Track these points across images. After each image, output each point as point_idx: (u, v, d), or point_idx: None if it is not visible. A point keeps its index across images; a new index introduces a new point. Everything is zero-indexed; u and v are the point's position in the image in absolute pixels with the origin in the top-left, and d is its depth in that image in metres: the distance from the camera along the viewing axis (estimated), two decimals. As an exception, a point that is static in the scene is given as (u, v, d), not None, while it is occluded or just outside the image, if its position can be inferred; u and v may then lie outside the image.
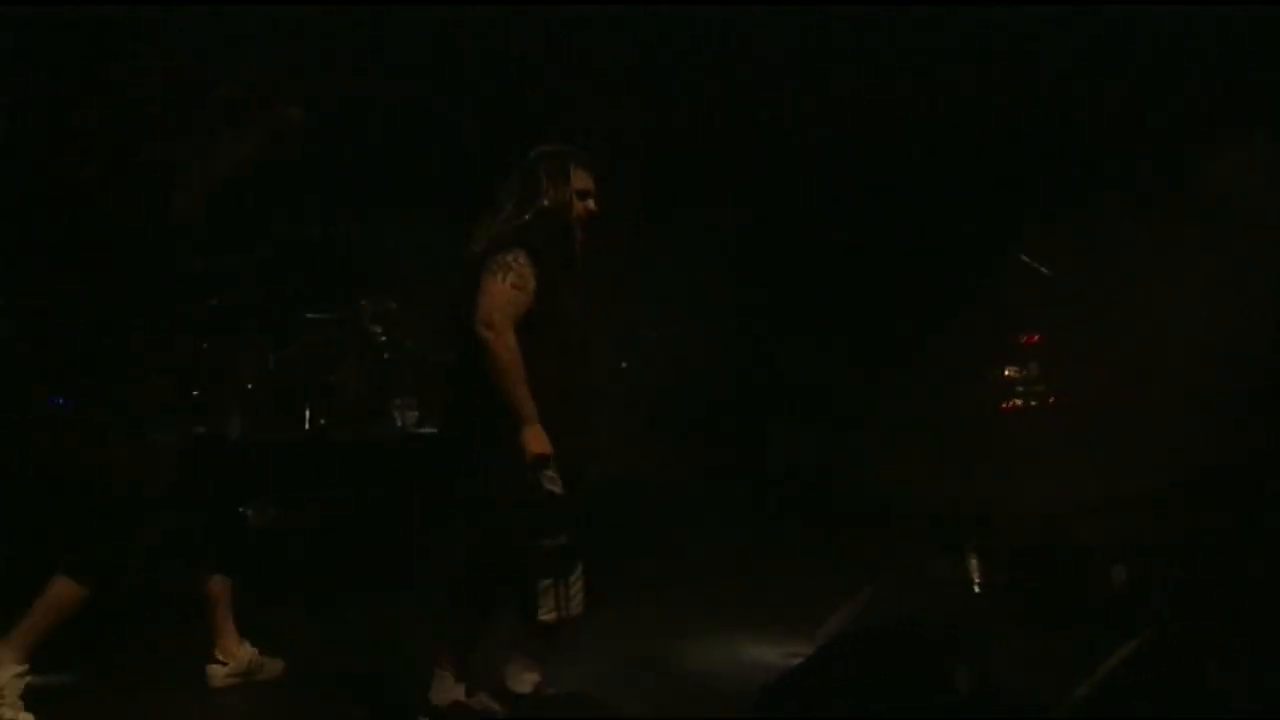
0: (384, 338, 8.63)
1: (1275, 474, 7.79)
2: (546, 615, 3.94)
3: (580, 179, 4.20)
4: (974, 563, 5.80)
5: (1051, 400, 10.37)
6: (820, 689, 3.59)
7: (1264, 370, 10.07)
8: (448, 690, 4.08)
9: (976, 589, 5.71)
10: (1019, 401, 8.50)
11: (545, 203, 4.09)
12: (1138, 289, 9.70)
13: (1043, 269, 6.87)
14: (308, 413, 7.96)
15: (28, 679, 4.13)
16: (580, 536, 4.03)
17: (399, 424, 8.59)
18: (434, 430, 8.76)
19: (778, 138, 10.59)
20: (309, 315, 8.56)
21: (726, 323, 10.10)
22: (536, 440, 3.80)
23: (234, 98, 4.39)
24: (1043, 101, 10.19)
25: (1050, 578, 5.45)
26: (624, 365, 9.70)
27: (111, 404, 4.27)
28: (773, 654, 4.69)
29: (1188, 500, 6.88)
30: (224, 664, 4.72)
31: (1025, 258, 6.82)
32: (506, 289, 3.87)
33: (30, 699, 4.12)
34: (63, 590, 4.16)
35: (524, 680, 4.14)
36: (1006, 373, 10.01)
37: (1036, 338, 9.38)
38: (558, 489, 3.84)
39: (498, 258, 3.92)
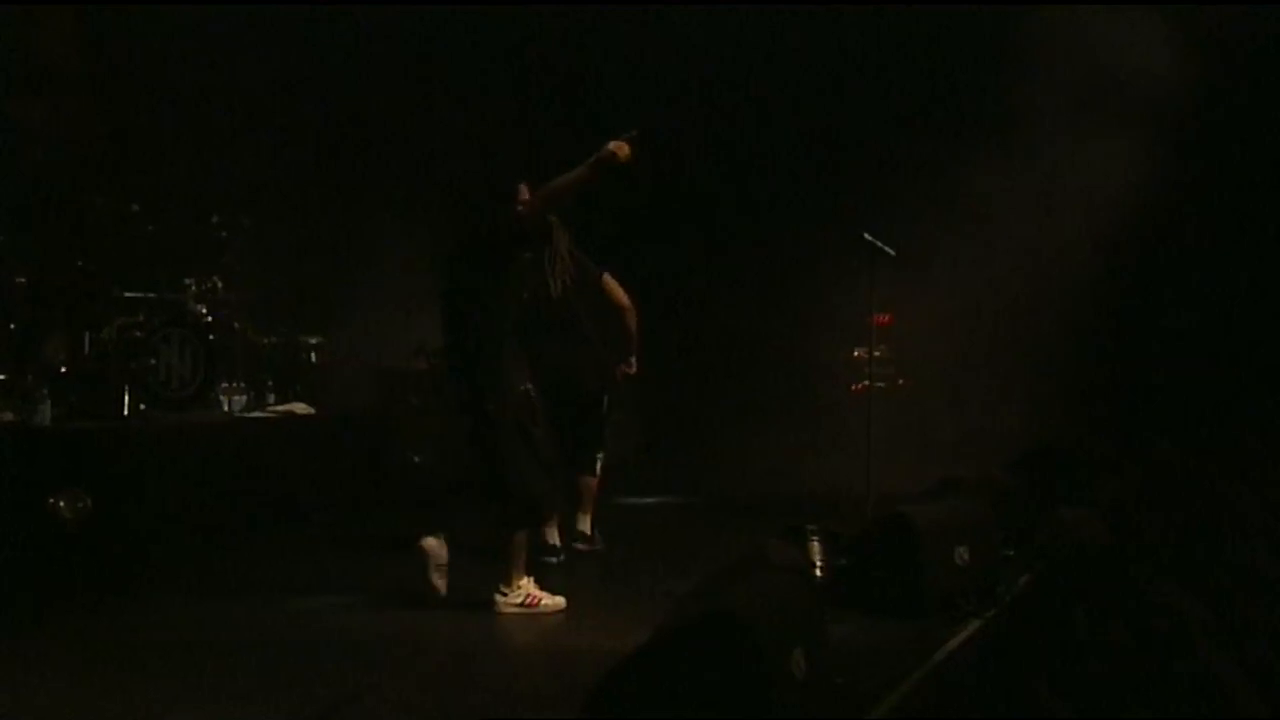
0: (209, 318, 8.41)
1: (1115, 453, 8.15)
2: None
3: None
4: (815, 546, 5.89)
5: (901, 382, 10.67)
6: (654, 679, 3.59)
7: (1100, 355, 10.57)
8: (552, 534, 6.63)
9: (818, 573, 5.77)
10: (869, 383, 8.66)
11: None
12: (979, 271, 10.10)
13: (887, 248, 6.99)
14: (126, 398, 7.69)
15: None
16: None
17: (226, 408, 8.44)
18: (264, 414, 8.62)
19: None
20: (126, 293, 8.28)
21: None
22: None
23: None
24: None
25: (893, 561, 5.54)
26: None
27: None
28: (609, 641, 4.69)
29: (1033, 481, 7.13)
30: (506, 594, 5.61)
31: (869, 236, 6.93)
32: None
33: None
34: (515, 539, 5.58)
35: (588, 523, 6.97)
36: (856, 354, 10.26)
37: (886, 318, 9.61)
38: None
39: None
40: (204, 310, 8.43)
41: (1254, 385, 9.97)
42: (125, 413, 7.64)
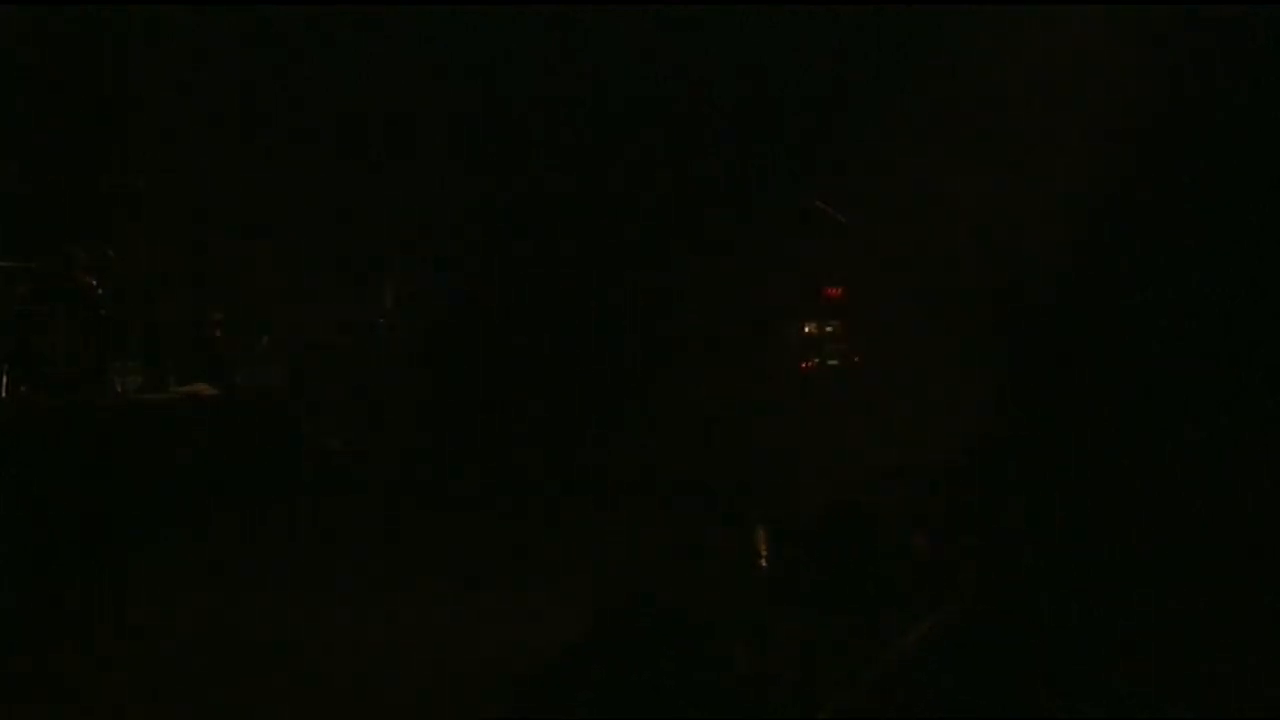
0: (100, 291, 8.11)
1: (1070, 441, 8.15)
2: None
3: None
4: (760, 534, 5.84)
5: (856, 360, 10.58)
6: (583, 674, 3.55)
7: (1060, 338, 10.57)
8: None
9: (763, 563, 5.71)
10: (818, 360, 8.59)
11: None
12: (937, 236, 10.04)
13: (839, 216, 6.90)
14: (4, 378, 7.42)
15: None
16: None
17: (120, 389, 8.17)
18: (163, 396, 8.40)
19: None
20: (5, 263, 7.99)
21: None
22: None
23: None
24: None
25: (845, 551, 5.49)
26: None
27: None
28: (539, 635, 4.60)
29: (989, 468, 7.11)
30: None
31: (820, 204, 6.83)
32: None
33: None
34: None
35: None
36: (806, 329, 10.15)
37: (838, 291, 9.52)
38: None
39: None
40: (94, 282, 8.13)
41: (1222, 380, 10.03)
42: (3, 394, 7.40)
